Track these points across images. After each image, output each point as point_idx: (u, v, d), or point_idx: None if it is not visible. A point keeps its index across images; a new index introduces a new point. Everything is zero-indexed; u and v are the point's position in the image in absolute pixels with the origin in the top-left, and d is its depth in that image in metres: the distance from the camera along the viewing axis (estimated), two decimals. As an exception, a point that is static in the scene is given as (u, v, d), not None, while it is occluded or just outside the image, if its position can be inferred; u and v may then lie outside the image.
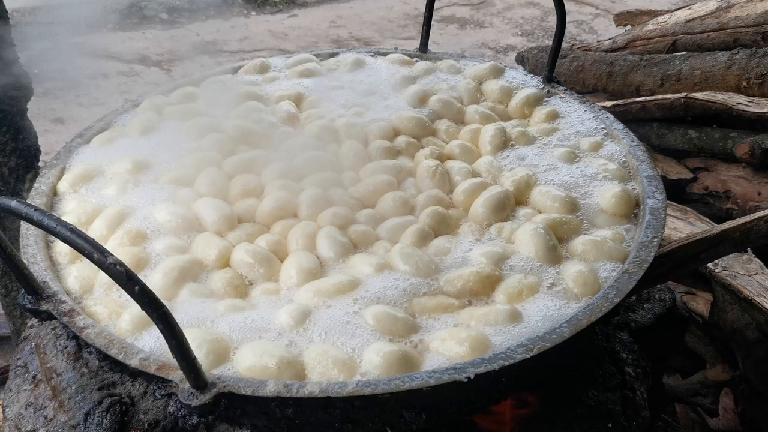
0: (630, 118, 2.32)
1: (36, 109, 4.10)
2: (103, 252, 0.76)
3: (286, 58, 1.74)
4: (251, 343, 0.95)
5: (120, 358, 0.92)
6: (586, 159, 1.37)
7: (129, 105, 1.52)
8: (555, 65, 1.58)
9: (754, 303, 1.69)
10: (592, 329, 0.97)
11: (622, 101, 2.41)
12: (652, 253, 1.07)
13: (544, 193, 1.25)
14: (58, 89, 4.41)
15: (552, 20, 5.54)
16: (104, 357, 0.94)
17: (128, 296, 0.76)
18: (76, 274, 1.09)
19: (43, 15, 5.16)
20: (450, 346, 0.94)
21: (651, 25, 2.68)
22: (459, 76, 1.67)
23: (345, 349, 0.94)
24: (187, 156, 1.33)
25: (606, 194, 1.24)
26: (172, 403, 0.88)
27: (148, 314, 0.77)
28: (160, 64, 4.76)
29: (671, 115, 2.29)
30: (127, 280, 0.75)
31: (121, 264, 0.75)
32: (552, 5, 1.49)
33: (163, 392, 0.90)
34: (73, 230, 0.77)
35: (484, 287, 1.06)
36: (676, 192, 2.26)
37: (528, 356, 0.90)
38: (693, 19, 2.51)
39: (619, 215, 1.22)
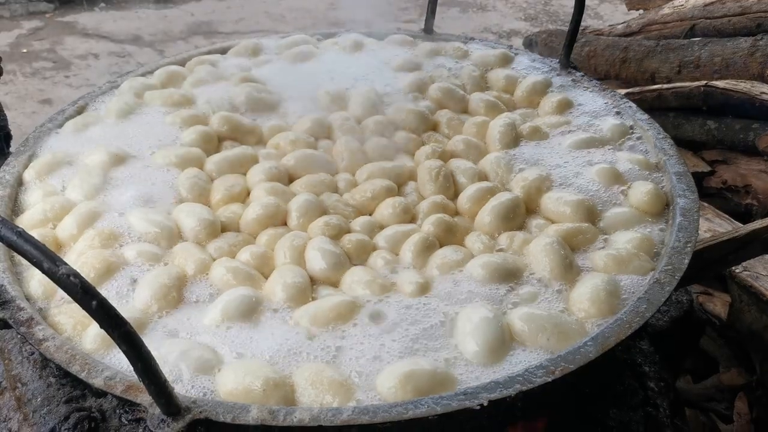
0: (645, 107, 2.18)
1: (23, 90, 4.01)
2: (55, 260, 0.64)
3: (280, 39, 1.61)
4: (234, 363, 0.84)
5: (82, 376, 0.81)
6: (607, 153, 1.25)
7: (107, 86, 1.39)
8: (572, 49, 1.45)
9: (778, 307, 1.59)
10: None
11: (636, 89, 2.27)
12: (686, 261, 0.96)
13: (556, 199, 1.12)
14: (46, 69, 4.28)
15: (555, 4, 5.41)
16: (65, 374, 0.83)
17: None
18: (40, 277, 0.97)
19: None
20: None
21: (667, 9, 2.54)
22: (466, 60, 1.54)
23: (343, 371, 0.83)
24: (167, 152, 1.20)
25: (640, 189, 1.13)
26: (140, 431, 0.77)
27: (108, 333, 0.66)
28: (153, 44, 4.61)
29: (689, 105, 2.15)
30: (82, 294, 0.64)
31: (76, 275, 0.64)
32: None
33: (131, 417, 0.79)
34: (21, 234, 0.65)
35: None
36: (692, 186, 2.14)
37: (549, 380, 0.79)
38: (712, 3, 2.37)
39: (651, 213, 1.10)
